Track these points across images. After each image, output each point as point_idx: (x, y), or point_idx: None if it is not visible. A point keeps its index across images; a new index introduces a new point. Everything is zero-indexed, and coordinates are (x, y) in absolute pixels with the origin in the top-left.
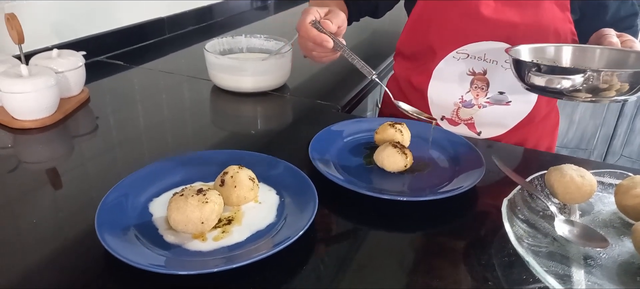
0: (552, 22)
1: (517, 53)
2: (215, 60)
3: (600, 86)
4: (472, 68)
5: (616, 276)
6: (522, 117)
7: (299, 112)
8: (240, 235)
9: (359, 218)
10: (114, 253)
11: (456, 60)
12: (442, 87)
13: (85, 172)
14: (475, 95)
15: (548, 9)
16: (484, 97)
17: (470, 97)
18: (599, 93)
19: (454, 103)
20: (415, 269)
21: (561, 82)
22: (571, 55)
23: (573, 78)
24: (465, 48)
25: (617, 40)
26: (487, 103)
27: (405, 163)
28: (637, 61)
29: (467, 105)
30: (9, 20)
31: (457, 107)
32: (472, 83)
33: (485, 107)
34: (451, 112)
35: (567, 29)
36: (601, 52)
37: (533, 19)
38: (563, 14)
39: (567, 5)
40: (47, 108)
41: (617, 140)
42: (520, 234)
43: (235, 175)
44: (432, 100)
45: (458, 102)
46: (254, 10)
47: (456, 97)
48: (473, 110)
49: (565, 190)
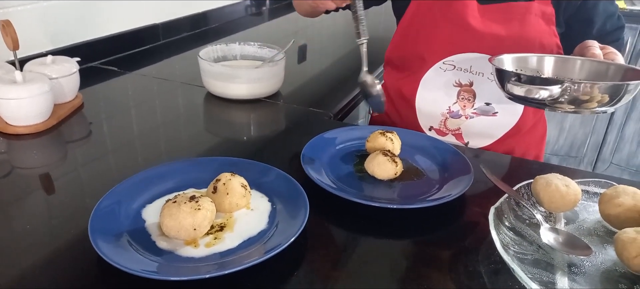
0: (537, 35)
1: (500, 62)
2: (209, 67)
3: (580, 97)
4: (459, 80)
5: (599, 283)
6: (508, 127)
7: (292, 120)
8: (232, 241)
9: (350, 225)
10: (107, 258)
11: (443, 71)
12: (429, 97)
13: (78, 178)
14: (462, 106)
15: (534, 23)
16: (470, 107)
17: (457, 108)
18: (580, 104)
19: (442, 113)
20: (404, 275)
21: (539, 92)
22: (553, 66)
23: (551, 89)
24: (451, 59)
25: (599, 52)
26: (474, 114)
27: (396, 171)
28: (617, 73)
29: (454, 116)
30: (4, 27)
31: (444, 117)
32: (459, 94)
33: (472, 117)
34: (439, 122)
35: (553, 43)
36: (582, 64)
37: (519, 32)
38: (549, 27)
39: (552, 19)
40: (41, 114)
41: (607, 148)
42: (506, 241)
43: (228, 182)
44: (420, 110)
45: (445, 112)
46: (248, 16)
47: (444, 108)
48: (460, 120)
49: (551, 198)
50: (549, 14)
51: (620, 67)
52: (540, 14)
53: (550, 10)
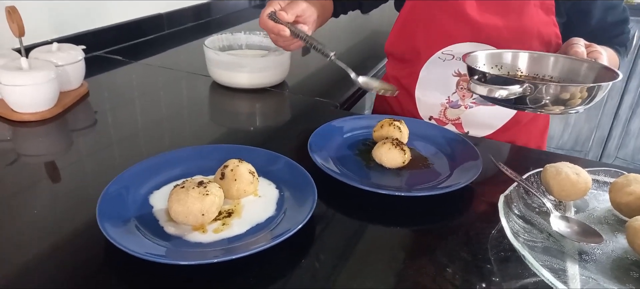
0: (535, 25)
1: (473, 60)
2: (214, 56)
3: (543, 98)
4: (458, 70)
5: (610, 271)
6: (508, 118)
7: (298, 109)
8: (240, 227)
9: (357, 212)
10: (115, 242)
11: (442, 61)
12: (429, 88)
13: (84, 166)
14: (461, 95)
15: (533, 13)
16: (469, 97)
17: (456, 98)
18: (545, 105)
19: (441, 103)
20: (412, 262)
21: (499, 91)
22: (527, 62)
23: (510, 89)
24: (450, 49)
25: (583, 50)
26: (474, 104)
27: (404, 159)
28: (589, 71)
29: (453, 106)
30: (10, 14)
31: (444, 107)
32: (458, 84)
33: (471, 107)
34: (438, 112)
35: (552, 32)
36: (556, 61)
37: (517, 22)
38: (548, 17)
39: (552, 8)
40: (47, 102)
41: (612, 143)
42: (516, 229)
43: (236, 169)
44: (420, 100)
45: (445, 102)
46: (251, 8)
47: (443, 98)
48: (460, 110)
49: (561, 187)
50: (549, 4)
51: (594, 65)
52: (539, 4)
53: (549, 1)
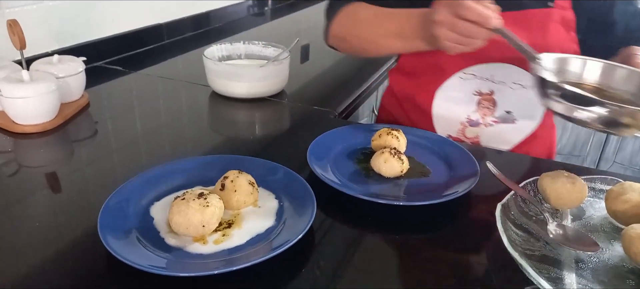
0: (558, 41)
1: (539, 68)
2: (213, 66)
3: (622, 120)
4: (479, 89)
5: (606, 278)
6: (527, 133)
7: (297, 118)
8: (240, 238)
9: (356, 222)
10: (117, 255)
11: (463, 80)
12: (448, 106)
13: (85, 176)
14: (482, 114)
15: (553, 30)
16: (490, 116)
17: (477, 117)
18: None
19: (461, 122)
20: (410, 272)
21: (578, 112)
22: (596, 73)
23: (591, 111)
24: (472, 69)
25: None
26: (494, 122)
27: (402, 168)
28: None
29: (473, 124)
30: (11, 27)
31: (463, 126)
32: (478, 103)
33: (491, 125)
34: (457, 130)
35: (572, 50)
36: (630, 75)
37: (540, 40)
38: (568, 34)
39: (572, 25)
40: (48, 113)
41: (610, 147)
42: (513, 238)
43: (236, 180)
44: (438, 118)
45: (464, 121)
46: (250, 16)
47: (463, 117)
48: (479, 128)
49: (557, 195)
50: (569, 19)
51: None
52: (560, 20)
53: (570, 16)
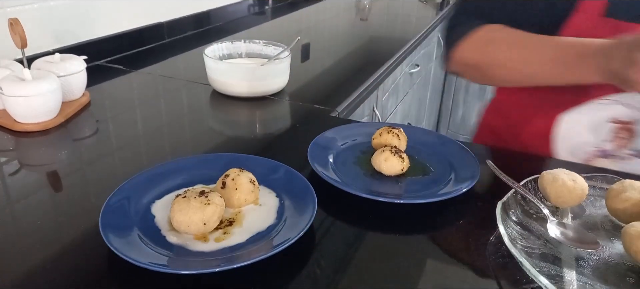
0: None
1: None
2: (214, 65)
3: None
4: (617, 116)
5: (607, 276)
6: None
7: (298, 117)
8: (241, 236)
9: (357, 220)
10: (118, 252)
11: (601, 105)
12: (574, 132)
13: (86, 175)
14: (617, 145)
15: None
16: (626, 148)
17: (610, 147)
18: None
19: (587, 152)
20: (411, 270)
21: None
22: None
23: None
24: (617, 95)
25: None
26: (629, 156)
27: (402, 166)
28: None
29: (606, 155)
30: (12, 25)
31: (592, 155)
32: (615, 131)
33: (624, 158)
34: (583, 159)
35: None
36: None
37: None
38: None
39: None
40: (50, 112)
41: None
42: (513, 236)
43: (237, 178)
44: (562, 143)
45: (594, 149)
46: (251, 15)
47: (591, 146)
48: (611, 161)
49: (558, 193)
50: None
51: None
52: None
53: None
